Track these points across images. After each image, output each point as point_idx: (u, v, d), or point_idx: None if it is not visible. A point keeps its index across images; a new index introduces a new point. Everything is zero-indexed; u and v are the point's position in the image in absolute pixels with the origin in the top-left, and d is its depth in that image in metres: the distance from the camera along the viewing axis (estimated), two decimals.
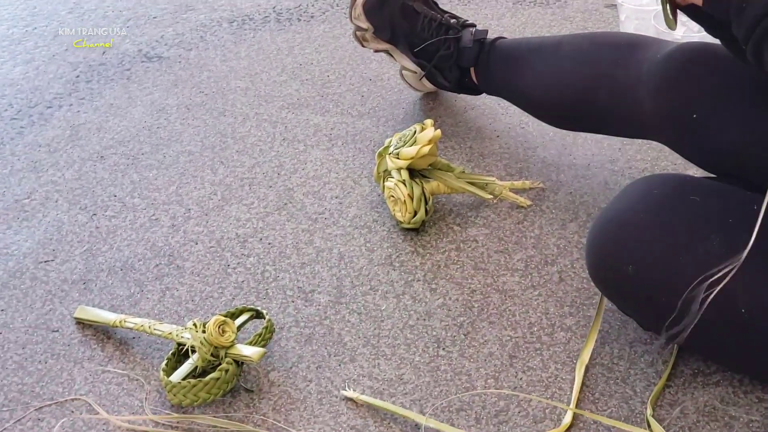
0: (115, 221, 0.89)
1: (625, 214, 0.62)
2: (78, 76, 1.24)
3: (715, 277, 0.47)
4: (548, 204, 0.86)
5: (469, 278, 0.77)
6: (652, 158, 0.91)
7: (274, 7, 1.40)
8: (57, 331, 0.75)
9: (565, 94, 0.85)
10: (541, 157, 0.95)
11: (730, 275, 0.46)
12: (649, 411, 0.61)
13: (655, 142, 0.82)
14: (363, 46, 1.02)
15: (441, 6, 1.02)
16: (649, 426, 0.60)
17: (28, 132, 1.10)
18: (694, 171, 0.80)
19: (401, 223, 0.84)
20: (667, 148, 0.80)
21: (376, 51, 1.02)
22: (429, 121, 0.85)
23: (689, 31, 0.99)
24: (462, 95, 1.05)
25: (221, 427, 0.63)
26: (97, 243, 0.86)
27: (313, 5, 1.40)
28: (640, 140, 0.89)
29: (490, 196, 0.85)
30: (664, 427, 0.58)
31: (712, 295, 0.47)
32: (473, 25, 0.98)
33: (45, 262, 0.83)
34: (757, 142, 0.67)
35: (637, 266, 0.60)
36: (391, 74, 1.13)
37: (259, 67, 1.22)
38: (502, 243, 0.81)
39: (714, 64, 0.69)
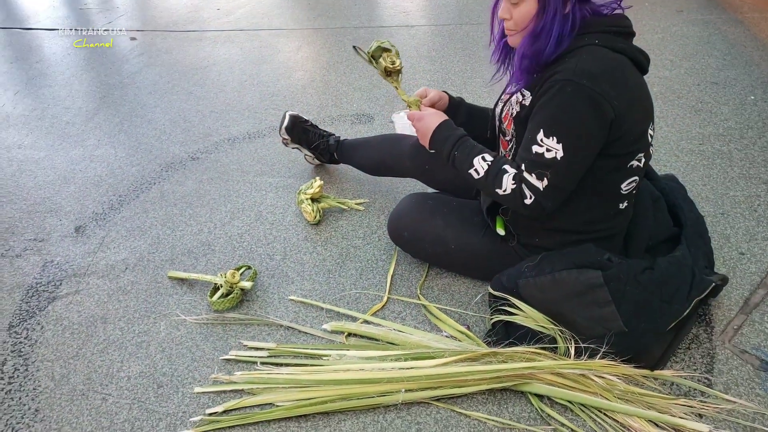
0: (181, 234, 1.98)
1: (402, 209, 1.72)
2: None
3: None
4: (371, 209, 2.05)
5: (337, 241, 1.92)
6: (413, 184, 2.13)
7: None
8: (160, 282, 1.80)
9: (374, 162, 2.04)
10: (366, 188, 2.15)
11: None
12: (418, 291, 1.68)
13: (415, 179, 2.04)
14: (286, 146, 2.19)
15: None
16: (419, 297, 1.67)
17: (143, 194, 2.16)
18: (431, 190, 2.02)
19: (309, 221, 1.99)
20: (419, 182, 2.01)
21: (293, 148, 2.20)
22: (318, 179, 2.02)
23: None
24: (332, 165, 2.24)
25: (235, 318, 1.70)
26: (177, 244, 1.94)
27: (262, 132, 2.58)
28: (409, 178, 2.10)
29: (346, 207, 2.04)
30: (427, 299, 1.76)
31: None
32: (332, 135, 2.17)
33: (152, 253, 1.90)
34: (455, 178, 1.84)
35: (407, 232, 1.69)
36: (300, 159, 2.31)
37: (244, 165, 2.36)
38: (351, 226, 1.98)
39: None
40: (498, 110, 1.52)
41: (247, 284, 1.66)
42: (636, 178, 1.36)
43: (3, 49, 3.44)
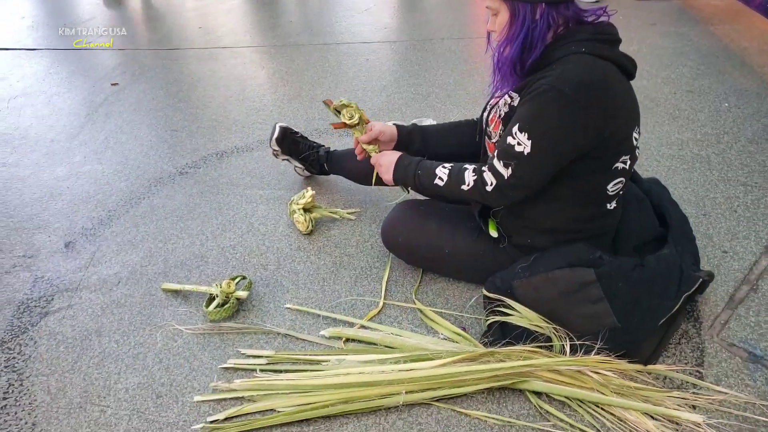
0: (173, 247, 1.98)
1: (396, 216, 1.74)
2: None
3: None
4: (362, 218, 2.07)
5: (331, 250, 1.94)
6: (400, 192, 2.15)
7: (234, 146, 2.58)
8: (154, 295, 1.79)
9: (363, 172, 2.05)
10: (357, 198, 2.17)
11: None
12: (413, 295, 1.69)
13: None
14: (276, 157, 2.21)
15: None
16: (414, 302, 1.70)
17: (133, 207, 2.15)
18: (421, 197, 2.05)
19: (302, 231, 2.00)
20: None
21: (283, 160, 2.21)
22: (310, 189, 2.04)
23: None
24: (322, 176, 2.26)
25: (232, 327, 1.70)
26: (169, 257, 1.94)
27: (250, 145, 2.60)
28: (398, 187, 2.13)
29: (338, 216, 2.06)
30: (422, 303, 1.78)
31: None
32: (322, 146, 2.20)
33: (144, 266, 1.90)
34: None
35: (402, 238, 1.71)
36: (290, 171, 2.33)
37: (234, 178, 2.37)
38: (343, 235, 2.00)
39: None
40: (485, 115, 1.56)
41: (242, 294, 1.66)
42: (622, 179, 1.40)
43: None
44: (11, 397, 1.42)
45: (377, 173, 1.75)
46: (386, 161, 1.61)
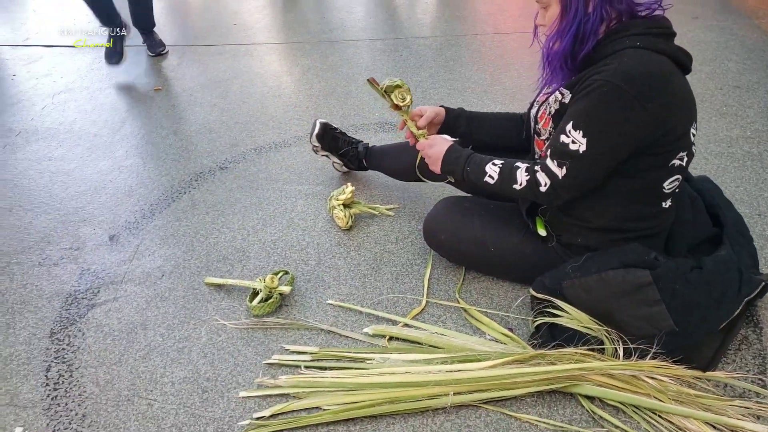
0: (215, 241, 1.98)
1: (439, 212, 1.70)
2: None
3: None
4: (401, 214, 2.05)
5: (371, 246, 1.92)
6: (442, 189, 2.13)
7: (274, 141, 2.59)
8: (197, 289, 1.80)
9: (404, 167, 2.02)
10: (395, 194, 2.15)
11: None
12: (457, 294, 1.67)
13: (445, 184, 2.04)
14: (316, 153, 2.20)
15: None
16: (458, 301, 1.65)
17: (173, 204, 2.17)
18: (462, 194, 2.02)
19: (341, 227, 1.99)
20: (448, 186, 2.01)
21: (322, 155, 2.20)
22: (349, 185, 2.02)
23: None
24: (360, 172, 2.24)
25: (275, 322, 1.63)
26: (211, 251, 1.94)
27: (287, 141, 2.60)
28: (438, 183, 2.10)
29: (377, 212, 2.04)
30: (466, 302, 1.76)
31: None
32: (361, 141, 2.18)
33: (187, 260, 1.91)
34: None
35: (444, 235, 1.68)
36: (327, 167, 2.32)
37: (272, 173, 2.38)
38: (383, 231, 1.98)
39: None
40: (534, 111, 1.53)
41: (285, 289, 1.65)
42: (678, 176, 1.36)
43: (29, 65, 3.48)
44: (62, 387, 1.44)
45: (421, 158, 1.71)
46: (435, 152, 1.56)
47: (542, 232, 1.53)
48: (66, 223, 2.08)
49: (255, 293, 1.66)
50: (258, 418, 1.33)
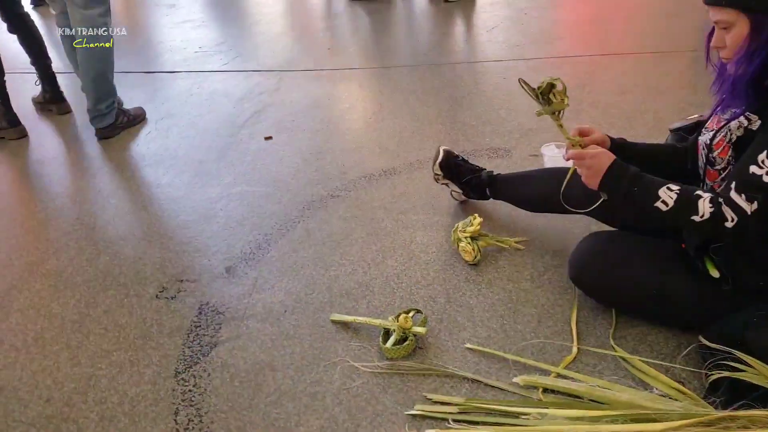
0: (335, 274, 1.87)
1: (590, 250, 1.52)
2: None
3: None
4: (531, 248, 1.88)
5: (503, 283, 1.76)
6: (574, 220, 1.94)
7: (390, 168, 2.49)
8: (323, 326, 1.67)
9: (538, 197, 1.86)
10: (520, 226, 1.98)
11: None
12: (611, 341, 1.45)
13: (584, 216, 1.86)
14: (437, 181, 2.08)
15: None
16: (614, 348, 1.44)
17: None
18: (606, 228, 1.84)
19: (468, 261, 1.84)
20: (584, 217, 1.83)
21: (443, 183, 2.08)
22: (477, 216, 1.87)
23: None
24: (480, 201, 2.08)
25: (412, 367, 1.43)
26: (333, 284, 1.83)
27: (397, 168, 2.50)
28: (569, 215, 1.92)
29: (506, 246, 1.88)
30: (623, 350, 1.54)
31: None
32: (484, 169, 2.03)
33: (308, 294, 1.80)
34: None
35: (598, 275, 1.48)
36: (443, 195, 2.18)
37: (386, 202, 2.27)
38: (514, 267, 1.81)
39: None
40: (705, 139, 1.36)
41: (421, 330, 1.52)
42: None
43: (131, 91, 3.57)
44: None
45: (573, 172, 1.53)
46: (597, 163, 1.37)
47: (715, 273, 1.34)
48: (180, 253, 2.04)
49: (387, 333, 1.54)
50: None
